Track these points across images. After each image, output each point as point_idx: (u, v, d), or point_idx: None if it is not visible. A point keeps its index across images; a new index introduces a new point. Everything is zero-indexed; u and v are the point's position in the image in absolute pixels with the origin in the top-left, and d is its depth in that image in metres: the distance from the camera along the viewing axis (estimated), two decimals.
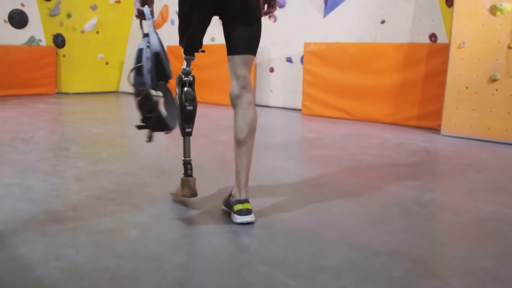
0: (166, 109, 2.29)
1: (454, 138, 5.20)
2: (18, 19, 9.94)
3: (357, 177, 3.37)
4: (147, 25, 2.29)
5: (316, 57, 7.02)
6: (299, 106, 7.66)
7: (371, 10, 6.96)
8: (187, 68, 2.47)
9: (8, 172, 3.26)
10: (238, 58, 2.40)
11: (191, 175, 2.49)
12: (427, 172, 3.71)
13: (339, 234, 2.22)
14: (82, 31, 10.21)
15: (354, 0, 7.13)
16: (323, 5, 7.46)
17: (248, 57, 2.42)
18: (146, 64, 2.23)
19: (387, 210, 2.62)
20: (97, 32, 10.38)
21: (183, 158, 2.50)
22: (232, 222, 2.33)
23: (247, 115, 2.38)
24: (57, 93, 10.35)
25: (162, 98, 2.26)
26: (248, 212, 2.32)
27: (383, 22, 6.83)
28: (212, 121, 6.13)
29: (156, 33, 2.28)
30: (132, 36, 10.64)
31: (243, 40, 2.40)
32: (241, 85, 2.40)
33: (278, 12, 7.99)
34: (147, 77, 2.22)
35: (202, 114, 7.31)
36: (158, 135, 2.38)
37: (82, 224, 2.25)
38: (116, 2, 10.35)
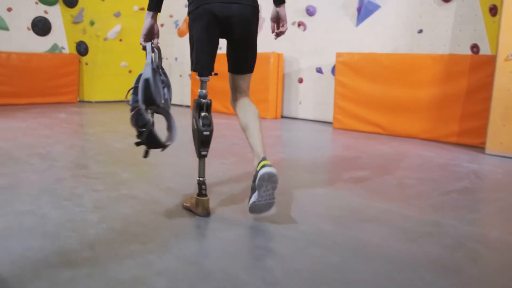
0: (167, 128, 2.63)
1: (501, 158, 4.80)
2: (41, 27, 9.78)
3: (407, 207, 3.01)
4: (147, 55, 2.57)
5: (349, 68, 6.66)
6: (330, 119, 7.31)
7: (407, 19, 6.58)
8: (203, 91, 2.64)
9: (22, 196, 2.97)
10: (239, 77, 2.77)
11: (205, 195, 2.65)
12: (483, 201, 3.33)
13: None
14: (105, 39, 10.01)
15: (388, 8, 6.77)
16: (355, 13, 7.10)
17: (247, 75, 2.79)
18: (141, 85, 2.46)
19: (451, 253, 2.25)
20: (121, 40, 10.17)
21: (198, 179, 2.64)
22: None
23: (248, 107, 2.72)
24: (79, 101, 10.16)
25: (153, 118, 2.51)
26: (269, 165, 2.46)
27: (420, 31, 6.44)
28: (240, 135, 5.80)
29: (152, 67, 2.52)
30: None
31: (244, 62, 2.75)
32: (240, 96, 2.78)
33: (308, 20, 7.66)
34: (141, 97, 2.43)
35: (229, 127, 7.12)
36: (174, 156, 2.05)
37: (100, 270, 1.92)
38: (140, 9, 10.13)
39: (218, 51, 2.71)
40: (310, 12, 7.59)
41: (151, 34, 2.65)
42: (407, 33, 6.60)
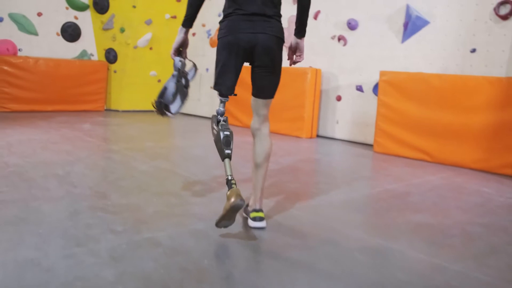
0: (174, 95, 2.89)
1: None
2: (70, 32, 9.52)
3: (483, 270, 2.49)
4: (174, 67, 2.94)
5: (394, 88, 6.15)
6: (370, 141, 6.81)
7: (458, 37, 6.05)
8: (222, 109, 2.83)
9: (27, 237, 2.54)
10: (261, 101, 2.94)
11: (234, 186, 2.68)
12: None
13: None
14: (135, 47, 9.68)
15: (438, 24, 6.25)
16: (401, 28, 6.60)
17: (269, 100, 2.96)
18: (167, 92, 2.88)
19: None
20: (151, 48, 9.83)
21: (226, 176, 2.68)
22: None
23: (264, 145, 2.94)
24: (106, 110, 9.85)
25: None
26: (261, 219, 2.91)
27: (473, 51, 5.91)
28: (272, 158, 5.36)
29: (174, 86, 2.90)
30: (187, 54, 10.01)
31: (267, 88, 2.91)
32: (261, 120, 2.96)
33: (349, 34, 7.19)
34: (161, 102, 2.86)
35: (250, 144, 6.64)
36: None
37: None
38: (172, 17, 9.78)
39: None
40: (352, 26, 7.12)
41: (181, 47, 2.95)
42: (459, 52, 6.07)
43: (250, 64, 2.89)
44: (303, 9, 2.89)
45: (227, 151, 2.73)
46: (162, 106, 2.87)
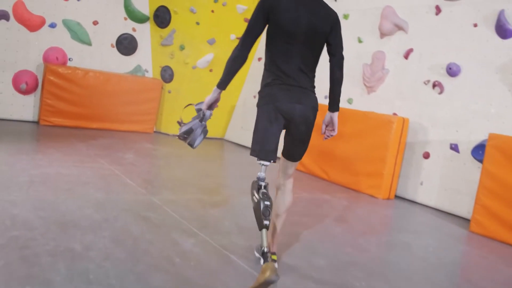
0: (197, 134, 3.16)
1: None
2: (126, 45, 8.73)
3: None
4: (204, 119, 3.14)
5: (506, 157, 4.88)
6: (461, 213, 5.60)
7: None
8: (263, 175, 2.91)
9: None
10: (291, 164, 3.13)
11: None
12: None
13: None
14: (194, 67, 8.76)
15: None
16: None
17: (297, 162, 3.15)
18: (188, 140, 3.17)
19: None
20: (211, 70, 8.87)
21: (262, 248, 2.70)
22: None
23: (286, 198, 3.15)
24: (155, 132, 8.95)
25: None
26: (273, 261, 3.00)
27: None
28: (330, 212, 4.21)
29: (201, 133, 3.16)
30: (249, 80, 9.03)
31: (299, 153, 3.10)
32: (287, 177, 3.16)
33: (447, 81, 5.98)
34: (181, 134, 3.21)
35: (318, 202, 5.72)
36: None
37: None
38: (237, 38, 8.80)
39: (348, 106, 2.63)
40: (453, 71, 5.90)
41: (213, 104, 3.11)
42: None
43: (285, 130, 3.03)
44: (337, 82, 3.07)
45: (266, 222, 2.78)
46: (186, 141, 3.20)
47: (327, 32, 2.95)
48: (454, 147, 5.82)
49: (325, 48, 3.06)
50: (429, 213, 5.74)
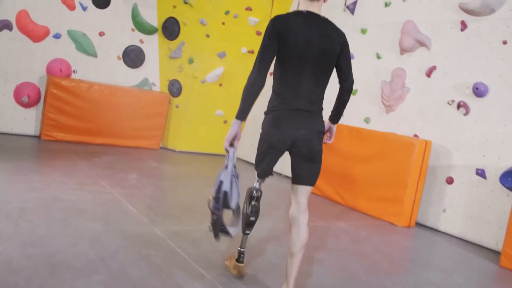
0: (233, 223, 2.99)
1: None
2: (133, 57, 8.41)
3: None
4: (229, 160, 2.91)
5: None
6: (488, 245, 5.22)
7: None
8: (257, 186, 3.09)
9: None
10: (300, 188, 2.93)
11: (242, 262, 3.22)
12: None
13: None
14: (203, 81, 8.40)
15: None
16: None
17: (309, 187, 2.95)
18: (221, 196, 2.87)
19: None
20: (220, 85, 8.51)
21: (239, 248, 3.20)
22: None
23: (301, 235, 2.90)
24: (161, 148, 8.60)
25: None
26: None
27: None
28: (348, 244, 3.81)
29: (231, 175, 2.90)
30: (262, 95, 8.62)
31: (307, 175, 2.92)
32: (301, 209, 2.93)
33: (474, 102, 5.58)
34: (221, 207, 2.86)
35: (334, 232, 5.18)
36: None
37: None
38: (249, 52, 8.43)
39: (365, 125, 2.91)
40: (480, 92, 5.49)
41: (235, 141, 2.88)
42: None
43: (290, 154, 2.94)
44: (343, 104, 3.06)
45: (247, 232, 3.18)
46: (219, 222, 2.91)
47: (338, 53, 2.86)
48: (481, 173, 5.41)
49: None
50: (454, 243, 5.32)
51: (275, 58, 2.85)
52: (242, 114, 2.79)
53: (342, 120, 7.06)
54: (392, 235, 5.28)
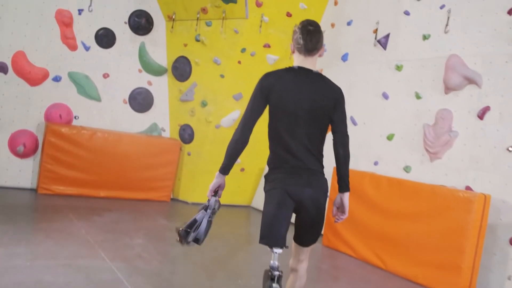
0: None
1: None
2: (140, 101, 7.82)
3: None
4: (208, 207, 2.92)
5: None
6: None
7: None
8: (276, 264, 2.77)
9: None
10: (302, 248, 2.96)
11: None
12: None
13: None
14: (218, 126, 7.67)
15: None
16: None
17: (311, 247, 2.98)
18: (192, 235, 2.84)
19: None
20: None
21: None
22: None
23: (300, 281, 2.98)
24: (172, 199, 7.82)
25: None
26: None
27: None
28: None
29: (207, 223, 2.86)
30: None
31: (311, 238, 2.95)
32: (301, 264, 3.00)
33: None
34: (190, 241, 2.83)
35: None
36: None
37: None
38: None
39: None
40: None
41: (218, 189, 2.95)
42: None
43: (295, 214, 2.90)
44: (342, 161, 2.91)
45: None
46: (189, 238, 2.81)
47: (331, 109, 2.85)
48: None
49: None
50: None
51: (269, 117, 2.86)
52: (226, 169, 2.87)
53: (378, 169, 6.22)
54: None
